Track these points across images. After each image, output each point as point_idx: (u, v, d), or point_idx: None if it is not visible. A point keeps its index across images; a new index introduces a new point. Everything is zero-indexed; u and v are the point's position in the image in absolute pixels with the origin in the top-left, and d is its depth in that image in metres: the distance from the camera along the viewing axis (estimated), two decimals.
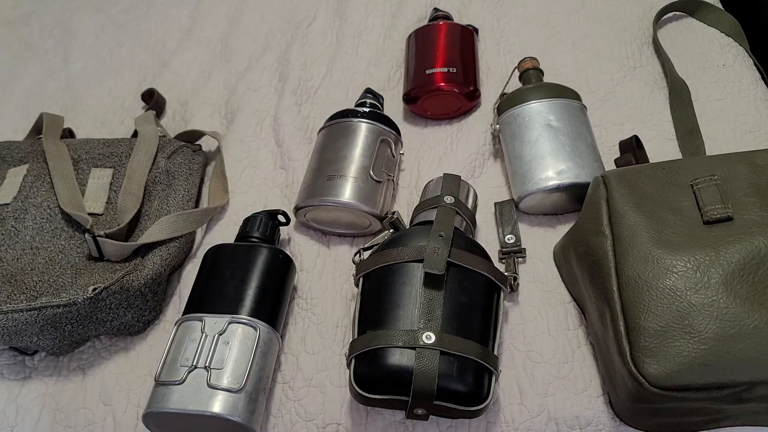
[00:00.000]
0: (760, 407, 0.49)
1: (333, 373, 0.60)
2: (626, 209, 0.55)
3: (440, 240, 0.55)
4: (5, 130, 0.90)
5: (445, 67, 0.77)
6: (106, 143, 0.74)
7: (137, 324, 0.64)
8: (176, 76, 0.92)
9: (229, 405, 0.52)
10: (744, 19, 0.88)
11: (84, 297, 0.58)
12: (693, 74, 0.79)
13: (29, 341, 0.60)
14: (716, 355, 0.46)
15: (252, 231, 0.65)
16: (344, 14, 0.95)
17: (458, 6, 0.93)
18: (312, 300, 0.65)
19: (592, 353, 0.58)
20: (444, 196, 0.62)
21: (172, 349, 0.56)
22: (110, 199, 0.70)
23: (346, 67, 0.88)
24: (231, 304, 0.58)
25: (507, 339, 0.60)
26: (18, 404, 0.62)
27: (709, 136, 0.73)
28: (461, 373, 0.50)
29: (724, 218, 0.52)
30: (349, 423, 0.57)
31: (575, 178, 0.64)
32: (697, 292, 0.49)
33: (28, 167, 0.73)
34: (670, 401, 0.47)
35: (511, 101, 0.70)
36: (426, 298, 0.53)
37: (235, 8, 1.00)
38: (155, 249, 0.65)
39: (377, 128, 0.71)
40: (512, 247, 0.65)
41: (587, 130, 0.68)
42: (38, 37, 1.03)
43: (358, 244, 0.69)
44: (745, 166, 0.55)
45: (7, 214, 0.69)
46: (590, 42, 0.85)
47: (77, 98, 0.92)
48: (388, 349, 0.50)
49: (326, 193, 0.66)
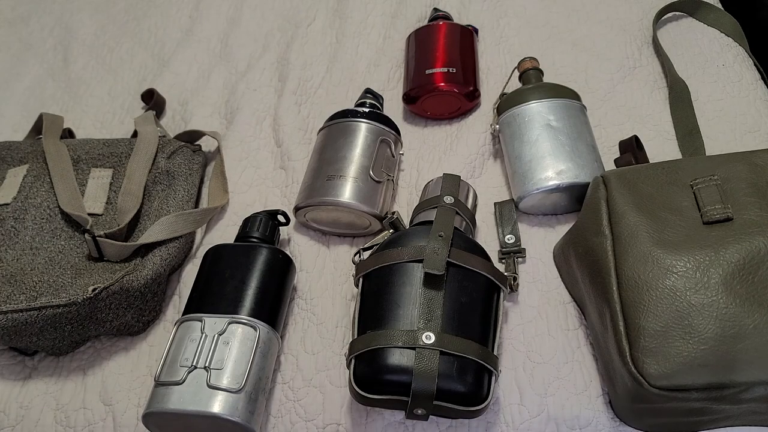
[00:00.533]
0: (760, 407, 0.49)
1: (333, 373, 0.60)
2: (626, 209, 0.55)
3: (440, 240, 0.55)
4: (5, 130, 0.90)
5: (445, 67, 0.77)
6: (106, 143, 0.74)
7: (137, 324, 0.64)
8: (176, 76, 0.92)
9: (229, 405, 0.52)
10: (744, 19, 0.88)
11: (84, 297, 0.58)
12: (693, 74, 0.79)
13: (29, 341, 0.60)
14: (716, 355, 0.46)
15: (252, 231, 0.65)
16: (344, 14, 0.95)
17: (458, 6, 0.93)
18: (312, 300, 0.65)
19: (592, 353, 0.58)
20: (444, 196, 0.62)
21: (172, 349, 0.56)
22: (110, 200, 0.70)
23: (346, 67, 0.88)
24: (231, 305, 0.58)
25: (507, 339, 0.60)
26: (18, 404, 0.62)
27: (709, 136, 0.73)
28: (461, 373, 0.50)
29: (724, 218, 0.52)
30: (349, 423, 0.57)
31: (575, 178, 0.64)
32: (696, 292, 0.49)
33: (28, 167, 0.73)
34: (669, 401, 0.47)
35: (511, 101, 0.70)
36: (426, 299, 0.53)
37: (235, 8, 1.00)
38: (155, 249, 0.65)
39: (377, 128, 0.71)
40: (512, 247, 0.65)
41: (587, 130, 0.68)
42: (38, 37, 1.03)
43: (358, 244, 0.69)
44: (744, 166, 0.55)
45: (7, 214, 0.69)
46: (590, 42, 0.85)
47: (77, 98, 0.92)
48: (388, 349, 0.50)
49: (326, 193, 0.66)
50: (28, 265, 0.64)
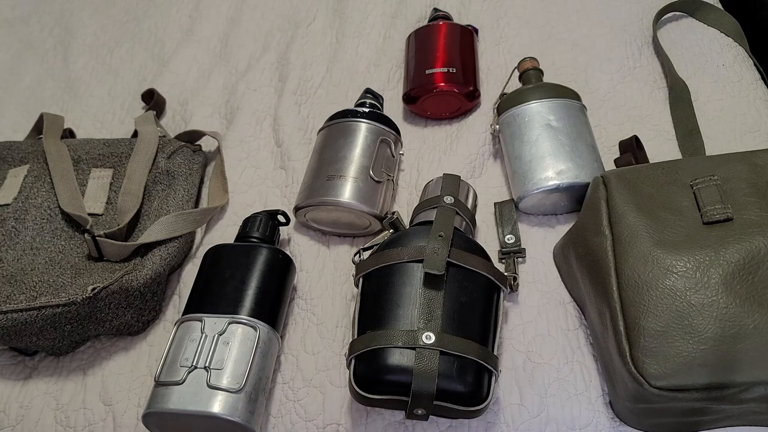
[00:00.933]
0: (761, 407, 0.49)
1: (333, 373, 0.60)
2: (626, 209, 0.55)
3: (440, 240, 0.55)
4: (5, 130, 0.90)
5: (445, 67, 0.77)
6: (106, 143, 0.74)
7: (137, 324, 0.64)
8: (176, 76, 0.92)
9: (229, 405, 0.52)
10: (744, 19, 0.88)
11: (83, 297, 0.58)
12: (693, 74, 0.79)
13: (29, 341, 0.60)
14: (716, 355, 0.46)
15: (252, 231, 0.65)
16: (344, 14, 0.95)
17: (458, 6, 0.93)
18: (312, 300, 0.65)
19: (592, 353, 0.58)
20: (444, 196, 0.62)
21: (172, 349, 0.56)
22: (110, 200, 0.70)
23: (346, 67, 0.88)
24: (231, 305, 0.58)
25: (507, 339, 0.60)
26: (18, 404, 0.62)
27: (709, 136, 0.73)
28: (461, 373, 0.50)
29: (724, 218, 0.52)
30: (349, 423, 0.57)
31: (575, 178, 0.64)
32: (696, 292, 0.49)
33: (29, 168, 0.73)
34: (669, 401, 0.47)
35: (511, 101, 0.70)
36: (426, 299, 0.53)
37: (235, 8, 1.00)
38: (155, 249, 0.65)
39: (377, 128, 0.71)
40: (512, 247, 0.65)
41: (587, 130, 0.68)
42: (38, 37, 1.03)
43: (358, 244, 0.69)
44: (744, 166, 0.55)
45: (8, 214, 0.69)
46: (590, 42, 0.85)
47: (77, 98, 0.92)
48: (388, 349, 0.50)
49: (326, 193, 0.66)
50: (29, 265, 0.64)
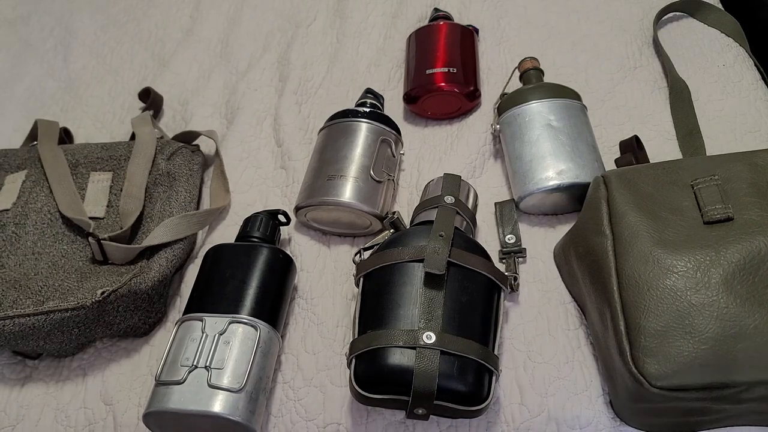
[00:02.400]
0: (761, 407, 0.49)
1: (333, 372, 0.60)
2: (626, 209, 0.55)
3: (440, 240, 0.55)
4: (5, 129, 0.90)
5: (445, 67, 0.77)
6: (104, 147, 0.74)
7: (143, 326, 0.64)
8: (176, 76, 0.92)
9: (230, 405, 0.52)
10: (744, 19, 0.88)
11: (93, 300, 0.58)
12: (693, 74, 0.79)
13: (36, 345, 0.59)
14: (716, 355, 0.46)
15: (252, 231, 0.65)
16: (344, 14, 0.95)
17: (458, 6, 0.93)
18: (312, 300, 0.65)
19: (592, 353, 0.58)
20: (444, 196, 0.62)
21: (173, 348, 0.56)
22: (111, 203, 0.70)
23: (347, 67, 0.88)
24: (231, 304, 0.58)
25: (507, 339, 0.60)
26: (19, 404, 0.62)
27: (709, 136, 0.73)
28: (461, 372, 0.50)
29: (725, 218, 0.52)
30: (350, 423, 0.57)
31: (575, 178, 0.64)
32: (697, 292, 0.49)
33: (27, 173, 0.73)
34: (670, 401, 0.47)
35: (512, 101, 0.70)
36: (426, 298, 0.53)
37: (236, 8, 1.00)
38: (160, 251, 0.65)
39: (377, 128, 0.71)
40: (512, 247, 0.65)
41: (587, 130, 0.68)
42: (38, 37, 1.03)
43: (359, 244, 0.69)
44: (745, 166, 0.55)
45: (8, 219, 0.68)
46: (590, 42, 0.85)
47: (77, 98, 0.92)
48: (389, 348, 0.50)
49: (326, 193, 0.66)
50: (32, 270, 0.64)
